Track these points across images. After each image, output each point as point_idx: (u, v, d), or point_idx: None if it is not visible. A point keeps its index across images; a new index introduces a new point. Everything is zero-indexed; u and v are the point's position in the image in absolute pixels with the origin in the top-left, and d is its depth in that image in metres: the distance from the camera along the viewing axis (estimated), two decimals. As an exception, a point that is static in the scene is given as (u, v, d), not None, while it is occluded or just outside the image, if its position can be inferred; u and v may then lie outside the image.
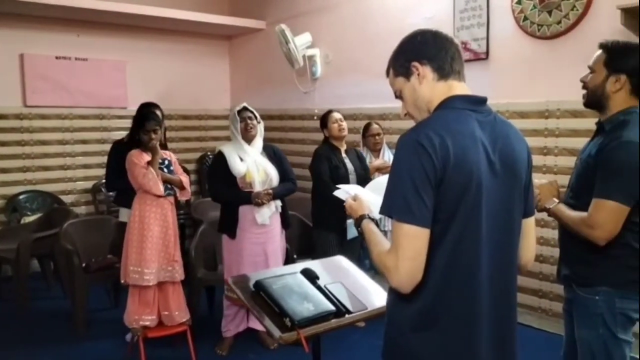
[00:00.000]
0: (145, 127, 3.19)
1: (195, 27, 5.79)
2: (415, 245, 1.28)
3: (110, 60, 5.58)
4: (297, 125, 5.67)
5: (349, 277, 2.21)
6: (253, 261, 3.35)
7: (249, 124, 3.37)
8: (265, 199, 3.31)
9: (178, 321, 3.23)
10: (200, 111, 6.29)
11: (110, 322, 3.81)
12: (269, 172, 3.39)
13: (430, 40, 1.45)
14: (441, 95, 1.42)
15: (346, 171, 3.78)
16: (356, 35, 4.93)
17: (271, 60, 5.76)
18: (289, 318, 1.77)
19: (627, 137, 1.84)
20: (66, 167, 5.43)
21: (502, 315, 1.42)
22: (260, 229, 3.37)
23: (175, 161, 3.36)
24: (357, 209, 1.62)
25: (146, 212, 3.14)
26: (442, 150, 1.28)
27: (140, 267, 3.10)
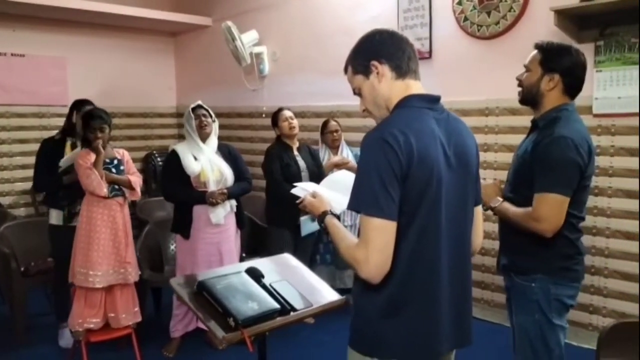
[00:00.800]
0: (91, 125, 3.09)
1: (138, 23, 5.65)
2: (383, 237, 1.36)
3: (49, 57, 5.37)
4: (246, 123, 5.63)
5: (295, 275, 2.23)
6: (207, 261, 3.32)
7: (204, 121, 3.34)
8: (220, 198, 3.28)
9: (124, 324, 3.15)
10: (146, 109, 6.14)
11: (51, 328, 3.67)
12: (223, 171, 3.37)
13: (388, 40, 1.51)
14: (399, 93, 1.49)
15: (298, 169, 3.79)
16: (303, 33, 4.94)
17: (218, 58, 5.69)
18: (233, 318, 1.78)
19: (558, 133, 1.95)
20: (3, 167, 5.19)
21: (460, 296, 1.53)
22: (215, 229, 3.34)
23: (128, 160, 3.28)
24: (319, 205, 1.67)
25: (93, 213, 3.05)
26: (406, 147, 1.35)
27: (85, 269, 3.01)
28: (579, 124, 2.03)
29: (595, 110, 3.27)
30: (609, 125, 3.26)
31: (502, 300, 3.75)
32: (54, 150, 3.47)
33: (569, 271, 2.05)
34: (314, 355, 3.41)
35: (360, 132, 4.61)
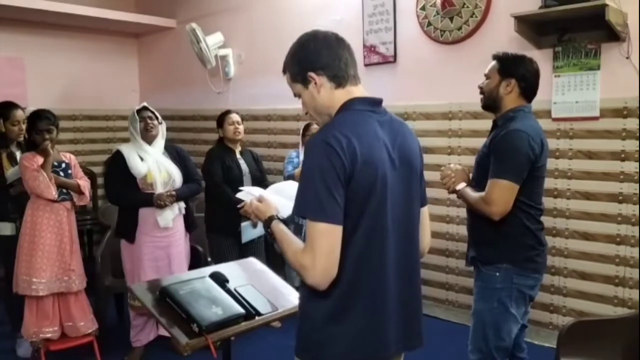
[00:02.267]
0: (37, 126, 2.99)
1: (100, 24, 5.51)
2: (329, 242, 1.34)
3: (5, 57, 5.19)
4: (211, 126, 5.50)
5: (260, 279, 2.22)
6: (155, 266, 3.23)
7: (149, 123, 3.24)
8: (168, 200, 3.20)
9: (83, 332, 3.07)
10: (108, 111, 6.00)
11: (7, 338, 3.54)
12: (171, 172, 3.28)
13: (324, 50, 1.47)
14: (340, 101, 1.48)
15: (240, 172, 3.76)
16: (269, 36, 4.93)
17: (183, 60, 5.61)
18: (197, 323, 1.75)
19: (513, 127, 2.16)
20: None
21: (409, 297, 1.52)
22: (163, 232, 3.25)
23: (76, 164, 3.19)
24: (265, 210, 1.62)
25: (38, 218, 2.95)
26: (349, 150, 1.34)
27: (29, 277, 2.91)
28: (534, 121, 2.26)
29: (554, 114, 3.36)
30: (567, 128, 3.35)
31: (466, 301, 3.81)
32: None
33: (531, 262, 2.21)
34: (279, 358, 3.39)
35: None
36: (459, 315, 3.86)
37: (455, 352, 3.03)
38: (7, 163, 3.33)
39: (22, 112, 3.38)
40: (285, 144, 4.82)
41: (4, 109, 3.37)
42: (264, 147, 4.99)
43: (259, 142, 5.02)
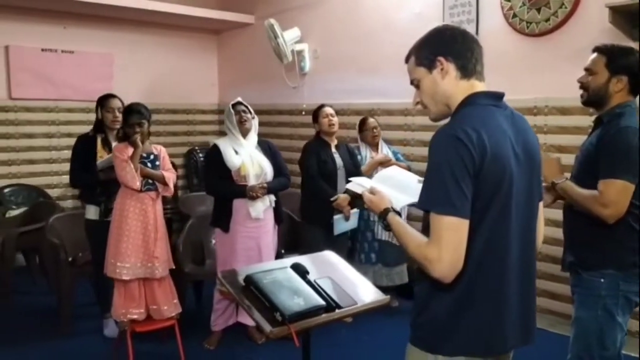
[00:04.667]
0: (129, 120, 3.15)
1: (183, 21, 5.75)
2: (457, 236, 1.34)
3: (97, 53, 5.52)
4: (286, 120, 5.66)
5: (337, 272, 2.22)
6: (246, 255, 3.35)
7: (243, 116, 3.38)
8: (260, 192, 3.31)
9: (166, 315, 3.20)
10: (188, 105, 6.25)
11: (96, 317, 3.76)
12: (263, 166, 3.40)
13: (459, 38, 1.49)
14: (463, 92, 1.48)
15: (335, 166, 3.78)
16: (345, 30, 4.93)
17: (260, 55, 5.73)
18: (280, 313, 1.78)
19: (624, 124, 2.03)
20: (52, 160, 5.36)
21: (527, 294, 1.52)
22: (254, 223, 3.36)
23: (165, 156, 3.32)
24: (379, 202, 1.62)
25: (126, 205, 3.10)
26: (479, 144, 1.34)
27: (115, 260, 3.07)
28: None
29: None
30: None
31: (548, 305, 3.65)
32: (87, 147, 3.54)
33: (637, 267, 2.06)
34: (354, 354, 3.40)
35: (400, 130, 4.58)
36: (555, 325, 3.60)
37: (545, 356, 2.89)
38: (101, 147, 3.54)
39: (118, 101, 3.58)
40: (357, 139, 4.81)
41: (103, 99, 3.62)
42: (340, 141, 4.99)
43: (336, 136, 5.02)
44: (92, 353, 3.43)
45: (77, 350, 3.45)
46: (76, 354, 3.42)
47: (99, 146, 3.54)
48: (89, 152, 3.50)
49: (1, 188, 5.00)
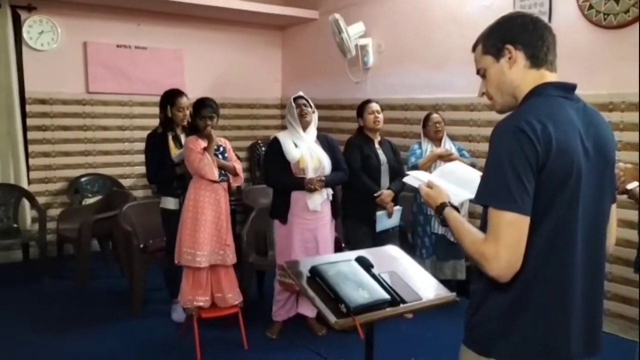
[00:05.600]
0: (201, 113, 3.27)
1: (250, 17, 5.87)
2: (516, 233, 1.28)
3: (168, 49, 5.74)
4: (348, 115, 5.65)
5: (401, 267, 2.21)
6: (304, 247, 3.41)
7: (304, 110, 3.44)
8: (318, 185, 3.36)
9: (230, 303, 3.32)
10: (252, 100, 6.38)
11: (165, 303, 3.94)
12: (322, 159, 3.44)
13: (530, 25, 1.41)
14: (532, 83, 1.41)
15: (378, 162, 3.77)
16: (410, 24, 4.88)
17: (323, 50, 5.77)
18: (345, 304, 1.80)
19: None
20: (125, 152, 5.63)
21: (593, 299, 1.42)
22: (312, 215, 3.42)
23: (230, 148, 3.43)
24: (436, 196, 1.59)
25: (200, 196, 3.23)
26: (544, 136, 1.27)
27: (193, 249, 3.19)
28: None
29: None
30: None
31: (619, 310, 3.49)
32: (160, 143, 3.68)
33: None
34: (417, 350, 3.38)
35: (466, 125, 4.49)
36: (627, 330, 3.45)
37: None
38: (172, 144, 3.68)
39: (186, 100, 3.71)
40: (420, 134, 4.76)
41: (171, 96, 3.71)
42: (400, 136, 4.97)
43: (395, 132, 5.00)
44: (161, 336, 3.59)
45: (147, 333, 3.63)
46: (146, 335, 3.59)
47: (171, 143, 3.68)
48: (162, 149, 3.65)
49: (78, 177, 5.32)
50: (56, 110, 5.24)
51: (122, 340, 3.52)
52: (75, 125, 5.35)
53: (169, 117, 3.69)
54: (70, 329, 3.69)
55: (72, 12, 5.17)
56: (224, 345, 3.41)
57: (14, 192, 4.86)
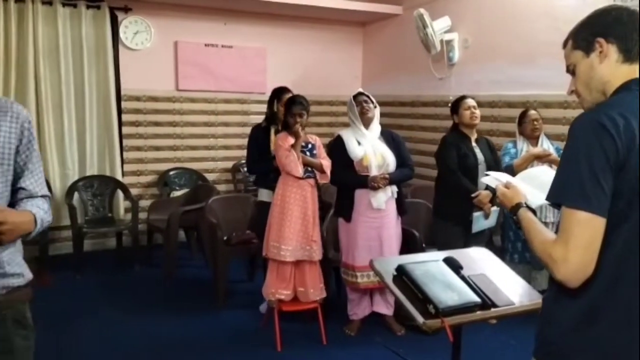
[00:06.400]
0: (292, 110, 3.32)
1: (332, 14, 5.89)
2: (589, 234, 1.19)
3: (252, 47, 5.88)
4: (430, 112, 5.55)
5: (491, 270, 2.13)
6: (367, 245, 3.39)
7: (365, 106, 3.41)
8: (382, 183, 3.32)
9: (312, 298, 3.35)
10: (332, 97, 6.40)
11: (246, 294, 4.05)
12: (386, 156, 3.40)
13: (625, 19, 1.32)
14: (622, 78, 1.31)
15: (475, 161, 3.61)
16: (499, 18, 4.69)
17: (406, 46, 5.68)
18: (433, 305, 1.75)
19: None
20: (210, 147, 5.84)
21: None
22: (376, 213, 3.39)
23: (320, 145, 3.45)
24: (512, 196, 1.54)
25: (287, 192, 3.28)
26: (626, 132, 1.18)
27: (278, 243, 3.25)
28: None
29: None
30: None
31: None
32: (261, 137, 3.78)
33: None
34: (499, 357, 3.26)
35: (559, 124, 4.25)
36: None
37: None
38: (274, 138, 3.75)
39: None
40: (509, 132, 4.57)
41: (278, 92, 3.82)
42: (486, 134, 4.78)
43: (482, 129, 4.81)
44: (243, 325, 3.69)
45: (229, 322, 3.74)
46: (228, 324, 3.70)
47: (272, 136, 3.76)
48: (263, 141, 3.74)
49: (167, 171, 5.57)
50: (148, 106, 5.52)
51: (206, 327, 3.66)
52: (165, 121, 5.61)
53: (275, 111, 3.78)
54: (157, 313, 3.89)
55: (164, 12, 5.42)
56: (303, 338, 3.45)
57: (110, 183, 5.17)
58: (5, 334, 1.54)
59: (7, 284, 1.53)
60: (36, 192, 1.59)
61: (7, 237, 1.41)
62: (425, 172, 5.52)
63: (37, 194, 1.59)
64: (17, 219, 1.45)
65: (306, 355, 3.27)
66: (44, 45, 4.88)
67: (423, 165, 5.52)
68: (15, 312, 1.56)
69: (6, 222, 1.39)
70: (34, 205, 1.55)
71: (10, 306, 1.55)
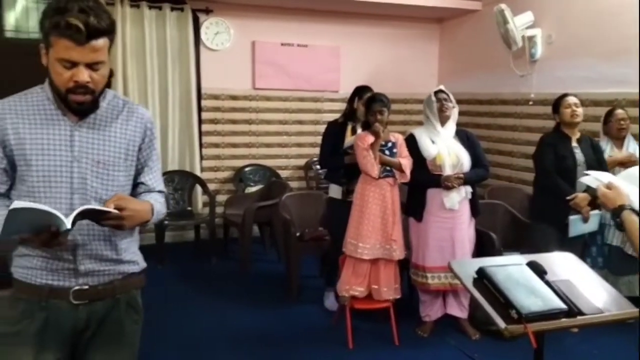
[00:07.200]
0: (372, 108, 3.31)
1: (407, 11, 5.82)
2: None
3: (327, 46, 5.92)
4: (509, 110, 5.36)
5: (577, 276, 2.04)
6: (439, 246, 3.33)
7: (444, 104, 3.34)
8: (456, 182, 3.25)
9: (385, 297, 3.33)
10: (406, 95, 6.32)
11: (318, 290, 4.09)
12: (460, 156, 3.33)
13: None
14: None
15: (574, 162, 3.45)
16: (585, 12, 4.46)
17: (485, 43, 5.52)
18: (516, 310, 1.70)
19: None
20: (284, 145, 5.94)
21: None
22: (448, 213, 3.32)
23: (402, 144, 3.41)
24: (615, 198, 1.49)
25: (366, 190, 3.28)
26: None
27: (356, 241, 3.26)
28: None
29: None
30: None
31: None
32: (337, 133, 3.79)
33: None
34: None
35: (650, 124, 3.98)
36: None
37: None
38: (350, 135, 3.77)
39: None
40: (594, 132, 4.33)
41: (360, 90, 3.82)
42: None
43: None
44: (314, 321, 3.73)
45: (301, 318, 3.79)
46: (300, 319, 3.76)
47: (349, 133, 3.77)
48: (338, 137, 3.76)
49: (243, 167, 5.73)
50: (226, 105, 5.69)
51: (278, 320, 3.73)
52: (242, 119, 5.76)
53: (354, 108, 3.78)
54: (232, 304, 4.01)
55: (243, 13, 5.57)
56: (374, 337, 3.44)
57: (189, 178, 5.39)
58: (118, 316, 1.65)
59: (123, 270, 1.65)
60: (154, 187, 1.72)
61: (128, 223, 1.51)
62: (502, 173, 5.36)
63: (154, 189, 1.72)
64: (137, 206, 1.56)
65: (378, 355, 3.26)
66: (131, 46, 5.15)
67: (501, 165, 5.35)
68: (129, 297, 1.68)
69: (127, 208, 1.49)
70: (151, 198, 1.67)
71: (125, 291, 1.66)
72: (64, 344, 1.59)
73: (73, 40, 1.40)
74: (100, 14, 1.43)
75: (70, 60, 1.43)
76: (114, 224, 1.48)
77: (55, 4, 1.42)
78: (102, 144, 1.58)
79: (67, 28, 1.39)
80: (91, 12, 1.41)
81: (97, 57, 1.46)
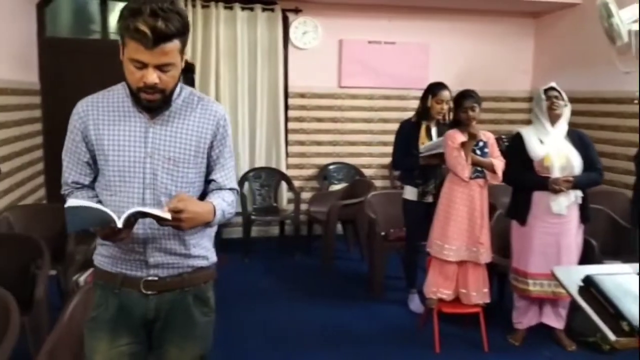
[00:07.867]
0: (463, 104, 3.22)
1: (500, 5, 5.60)
2: None
3: (415, 43, 5.82)
4: (610, 109, 5.02)
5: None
6: (543, 252, 3.15)
7: (555, 102, 3.15)
8: (564, 186, 3.06)
9: (473, 302, 3.23)
10: (497, 93, 6.08)
11: (401, 291, 4.04)
12: (570, 158, 3.12)
13: None
14: None
15: None
16: None
17: (584, 39, 5.19)
18: (627, 322, 1.58)
19: None
20: (368, 143, 5.92)
21: None
22: (555, 218, 3.13)
23: (493, 143, 3.30)
24: None
25: (454, 191, 3.20)
26: None
27: (441, 242, 3.19)
28: None
29: None
30: None
31: None
32: (410, 132, 3.72)
33: None
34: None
35: None
36: None
37: None
38: (424, 134, 3.72)
39: (448, 93, 3.67)
40: None
41: (434, 87, 3.72)
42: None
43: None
44: (399, 322, 3.69)
45: (385, 318, 3.76)
46: (384, 320, 3.72)
47: (422, 132, 3.71)
48: (411, 137, 3.70)
49: (327, 165, 5.77)
50: (312, 103, 5.76)
51: (362, 319, 3.73)
52: (327, 117, 5.81)
53: (427, 107, 3.70)
54: (315, 300, 4.06)
55: (331, 12, 5.60)
56: (462, 343, 3.35)
57: (275, 175, 5.51)
58: (186, 308, 1.69)
59: (192, 264, 1.69)
60: (225, 184, 1.72)
61: (186, 225, 1.52)
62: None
63: (225, 187, 1.72)
64: (197, 208, 1.56)
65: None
66: (224, 46, 5.34)
67: (601, 168, 5.02)
68: (197, 290, 1.71)
69: (186, 210, 1.49)
70: (219, 196, 1.68)
71: (193, 284, 1.70)
72: (136, 332, 1.66)
73: (141, 44, 1.42)
74: (171, 17, 1.42)
75: (140, 61, 1.45)
76: (173, 224, 1.50)
77: (130, 4, 1.44)
78: (173, 141, 1.60)
79: (136, 32, 1.41)
80: (161, 16, 1.40)
81: (166, 60, 1.47)
